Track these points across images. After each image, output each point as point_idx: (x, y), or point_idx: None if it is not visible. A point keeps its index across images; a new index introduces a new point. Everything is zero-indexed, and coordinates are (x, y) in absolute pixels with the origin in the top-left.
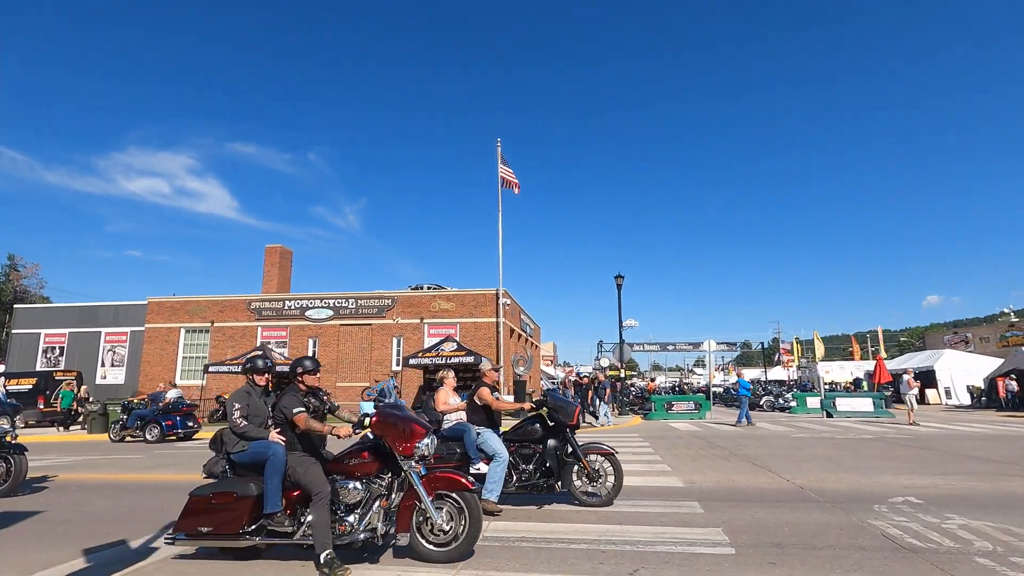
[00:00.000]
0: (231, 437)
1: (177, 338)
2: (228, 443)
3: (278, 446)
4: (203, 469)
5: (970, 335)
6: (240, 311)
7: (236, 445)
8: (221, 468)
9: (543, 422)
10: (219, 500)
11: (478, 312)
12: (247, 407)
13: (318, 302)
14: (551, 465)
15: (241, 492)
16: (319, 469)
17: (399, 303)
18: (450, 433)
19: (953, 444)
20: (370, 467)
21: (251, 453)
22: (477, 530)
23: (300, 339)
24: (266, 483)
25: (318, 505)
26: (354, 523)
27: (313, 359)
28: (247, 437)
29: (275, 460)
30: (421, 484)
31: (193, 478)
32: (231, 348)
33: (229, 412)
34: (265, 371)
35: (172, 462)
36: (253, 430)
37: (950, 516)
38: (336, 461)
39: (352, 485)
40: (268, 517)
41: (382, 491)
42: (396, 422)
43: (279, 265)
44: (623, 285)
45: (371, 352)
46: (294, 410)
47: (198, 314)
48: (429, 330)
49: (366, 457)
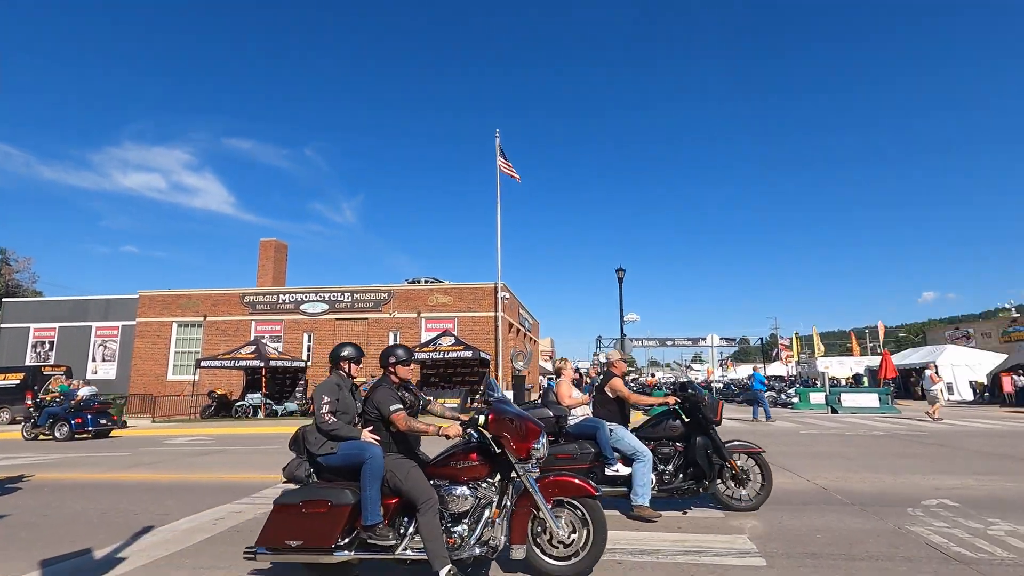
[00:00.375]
0: (316, 436)
1: (169, 332)
2: (313, 443)
3: (376, 448)
4: (283, 473)
5: (971, 330)
6: (233, 305)
7: (323, 446)
8: (305, 472)
9: (679, 418)
10: (311, 509)
11: (476, 306)
12: (336, 402)
13: (313, 296)
14: (702, 465)
15: (337, 500)
16: (421, 474)
17: (396, 297)
18: (578, 430)
19: (970, 441)
20: (480, 470)
21: (343, 456)
22: (602, 542)
23: (295, 333)
24: (364, 490)
25: (428, 514)
26: (463, 534)
27: (405, 347)
28: (337, 436)
29: (373, 464)
30: (538, 489)
31: (177, 478)
32: (224, 342)
33: (316, 407)
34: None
35: (154, 460)
36: (344, 428)
37: (993, 521)
38: (438, 464)
39: (460, 491)
40: (368, 529)
41: (492, 498)
42: (512, 419)
43: (274, 259)
44: (624, 279)
45: (367, 347)
46: (391, 407)
47: (190, 308)
48: (426, 324)
49: (475, 459)
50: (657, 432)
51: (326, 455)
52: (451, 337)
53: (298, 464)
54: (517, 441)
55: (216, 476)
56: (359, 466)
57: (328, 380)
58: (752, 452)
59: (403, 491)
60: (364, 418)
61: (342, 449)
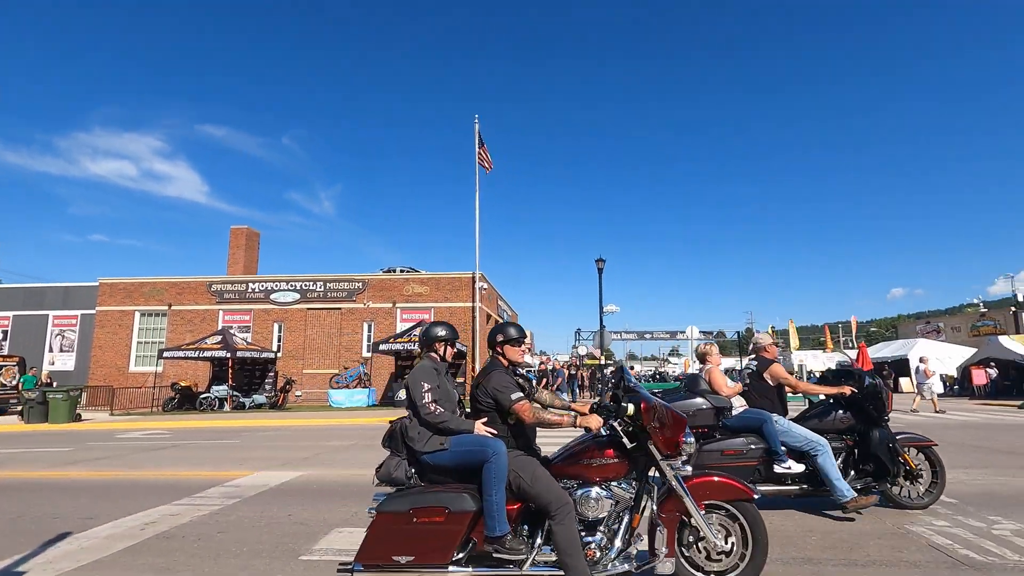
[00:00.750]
0: (420, 431)
1: (131, 322)
2: (416, 439)
3: (499, 444)
4: (377, 475)
5: (941, 325)
6: (200, 294)
7: (429, 441)
8: (406, 473)
9: (847, 409)
10: (424, 518)
11: (453, 296)
12: (437, 389)
13: (284, 285)
14: (884, 461)
15: (456, 507)
16: (548, 474)
17: (370, 286)
18: (740, 423)
19: (949, 434)
20: (619, 469)
21: (458, 453)
22: (763, 552)
23: (264, 323)
24: (488, 495)
25: (565, 522)
26: (601, 545)
27: (518, 326)
28: (446, 430)
29: (498, 463)
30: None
31: (117, 475)
32: (190, 332)
33: (415, 395)
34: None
35: (98, 455)
36: (455, 420)
37: (995, 519)
38: (564, 461)
39: (594, 494)
40: (494, 541)
41: (629, 501)
42: (663, 409)
43: (245, 247)
44: (603, 270)
45: (340, 337)
46: (512, 395)
47: (154, 296)
48: (402, 315)
49: (612, 456)
50: (824, 425)
51: (434, 452)
52: None
53: (397, 464)
54: (667, 434)
55: (162, 473)
56: (476, 466)
57: (423, 364)
58: (923, 445)
59: (530, 495)
60: (474, 408)
61: (455, 445)
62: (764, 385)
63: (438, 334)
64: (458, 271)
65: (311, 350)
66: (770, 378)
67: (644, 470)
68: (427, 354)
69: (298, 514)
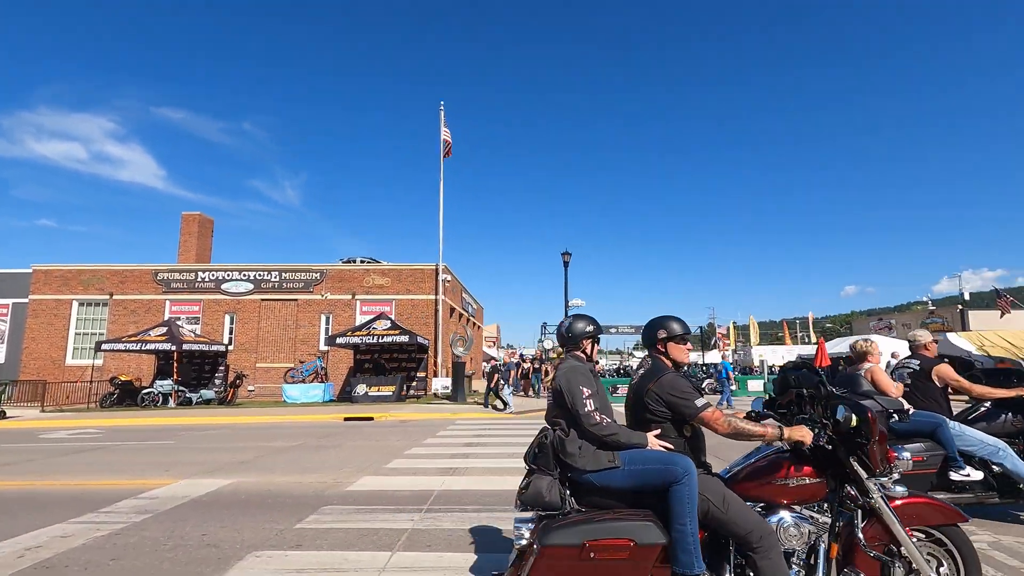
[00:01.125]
0: (581, 445)
1: (69, 312)
2: (579, 455)
3: (688, 462)
4: (520, 498)
5: (893, 321)
6: (145, 282)
7: (594, 458)
8: (560, 495)
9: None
10: (603, 554)
11: (416, 288)
12: (596, 395)
13: (236, 274)
14: None
15: (642, 539)
16: (738, 497)
17: (328, 277)
18: (911, 428)
19: None
20: (817, 490)
21: (635, 472)
22: None
23: (215, 315)
24: (678, 523)
25: (771, 555)
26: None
27: (682, 321)
28: (616, 444)
29: (690, 485)
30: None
31: (16, 485)
32: (133, 324)
33: (575, 403)
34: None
35: (10, 460)
36: (626, 433)
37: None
38: (747, 480)
39: (792, 520)
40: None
41: (825, 528)
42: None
43: (198, 235)
44: (569, 263)
45: (296, 330)
46: (697, 402)
47: (94, 285)
48: (362, 307)
49: (810, 474)
50: (993, 428)
51: (603, 471)
52: (387, 320)
53: (550, 485)
54: (883, 448)
55: (72, 482)
56: (656, 488)
57: (575, 366)
58: None
59: (721, 522)
60: (638, 417)
61: (630, 463)
62: (930, 386)
63: (586, 330)
64: (421, 262)
65: (265, 343)
66: (937, 379)
67: (836, 490)
68: (571, 353)
69: (214, 533)
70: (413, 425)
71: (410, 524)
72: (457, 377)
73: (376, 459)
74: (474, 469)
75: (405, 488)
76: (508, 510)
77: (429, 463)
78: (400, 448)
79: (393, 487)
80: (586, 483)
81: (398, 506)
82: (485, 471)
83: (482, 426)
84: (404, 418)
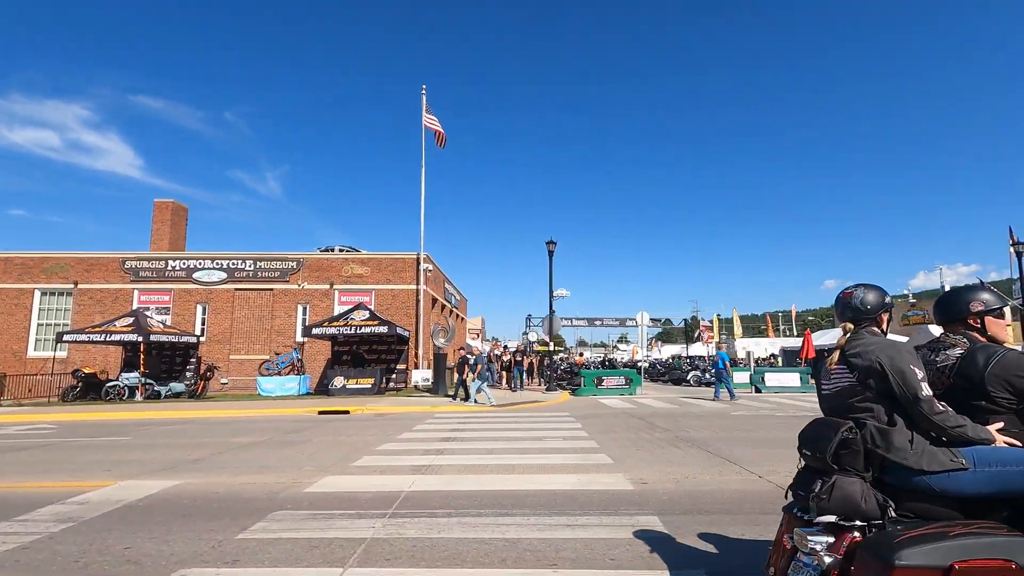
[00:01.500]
0: (914, 439)
1: (30, 301)
2: (909, 450)
3: None
4: (817, 504)
5: None
6: (112, 271)
7: (930, 456)
8: (877, 502)
9: None
10: None
11: (396, 278)
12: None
13: (209, 263)
14: None
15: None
16: None
17: (305, 266)
18: None
19: None
20: None
21: (993, 475)
22: None
23: (186, 304)
24: None
25: None
26: None
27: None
28: (960, 438)
29: None
30: None
31: None
32: (100, 314)
33: (909, 386)
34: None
35: None
36: (971, 426)
37: None
38: None
39: None
40: None
41: None
42: None
43: (171, 223)
44: (554, 252)
45: (271, 321)
46: None
47: (58, 273)
48: (340, 297)
49: None
50: None
51: (946, 473)
52: (365, 311)
53: (864, 489)
54: None
55: (1, 485)
56: (1018, 495)
57: (894, 343)
58: None
59: None
60: (984, 407)
61: (981, 463)
62: None
63: (884, 301)
64: (401, 252)
65: (239, 334)
66: None
67: None
68: (867, 329)
69: (139, 546)
70: (390, 419)
71: (370, 532)
72: (438, 369)
73: (344, 456)
74: (448, 467)
75: (370, 489)
76: (482, 514)
77: (401, 460)
78: (372, 444)
79: (357, 488)
80: (917, 487)
81: (359, 511)
82: (460, 469)
83: (461, 420)
84: (381, 411)
